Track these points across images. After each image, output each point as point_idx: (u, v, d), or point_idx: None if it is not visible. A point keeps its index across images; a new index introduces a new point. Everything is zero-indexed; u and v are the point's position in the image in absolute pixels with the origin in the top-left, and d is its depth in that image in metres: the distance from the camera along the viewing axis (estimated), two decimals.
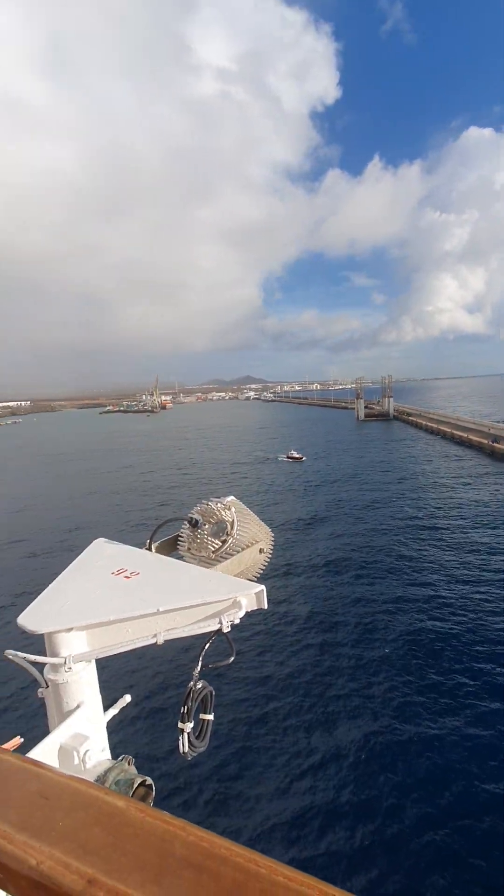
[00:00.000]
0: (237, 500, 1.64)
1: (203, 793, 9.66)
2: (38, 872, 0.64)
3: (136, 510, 33.55)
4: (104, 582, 1.27)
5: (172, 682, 12.49)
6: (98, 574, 1.32)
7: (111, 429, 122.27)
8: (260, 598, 1.18)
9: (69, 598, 1.19)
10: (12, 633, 15.64)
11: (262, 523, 1.65)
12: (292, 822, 9.23)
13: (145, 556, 1.46)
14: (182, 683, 12.16)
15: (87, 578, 1.31)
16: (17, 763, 0.82)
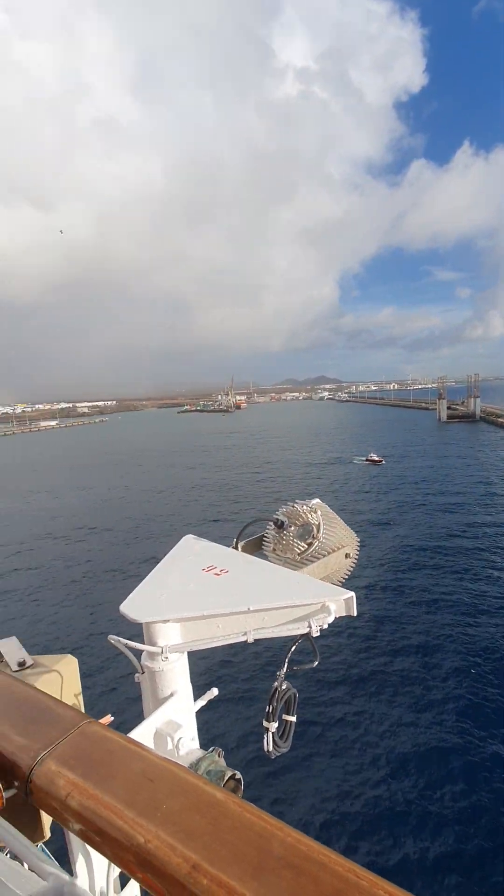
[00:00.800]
0: (323, 503, 1.63)
1: (270, 788, 9.76)
2: (145, 850, 0.68)
3: (212, 507, 34.47)
4: (196, 577, 1.32)
5: (256, 680, 12.70)
6: (190, 569, 1.38)
7: (188, 428, 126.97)
8: (349, 605, 1.17)
9: (165, 591, 1.26)
10: (110, 616, 16.79)
11: (348, 527, 1.63)
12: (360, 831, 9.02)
13: (233, 555, 1.50)
14: (262, 682, 12.32)
15: (180, 573, 1.37)
16: (122, 742, 0.88)
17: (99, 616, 17.62)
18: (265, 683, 12.38)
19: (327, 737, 11.20)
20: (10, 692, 1.03)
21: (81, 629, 16.56)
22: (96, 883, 0.98)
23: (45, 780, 0.82)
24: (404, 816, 9.26)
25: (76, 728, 0.91)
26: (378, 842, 8.81)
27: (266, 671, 13.01)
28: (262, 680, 12.63)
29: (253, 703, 11.78)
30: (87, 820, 0.75)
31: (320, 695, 12.56)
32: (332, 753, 10.74)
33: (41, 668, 1.76)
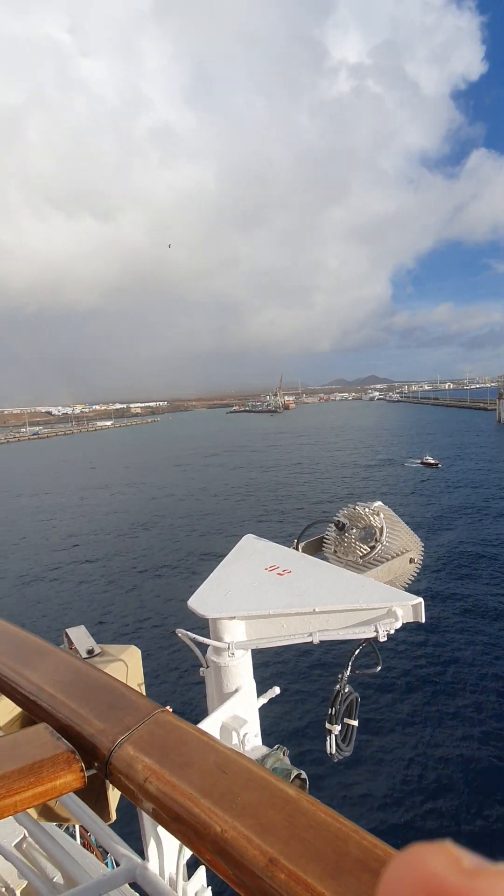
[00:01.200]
0: (385, 506, 1.60)
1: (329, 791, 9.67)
2: (222, 839, 0.70)
3: (266, 507, 34.48)
4: (260, 576, 1.34)
5: (314, 681, 12.66)
6: (253, 568, 1.40)
7: (237, 428, 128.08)
8: (417, 611, 1.14)
9: (230, 589, 1.28)
10: (168, 609, 17.31)
11: (412, 532, 1.59)
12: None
13: (294, 555, 1.51)
14: (320, 684, 12.24)
15: (243, 572, 1.39)
16: (195, 733, 0.90)
17: (157, 609, 18.16)
18: (323, 685, 12.26)
19: (384, 743, 10.97)
20: (88, 678, 1.09)
21: (140, 621, 17.14)
22: (166, 868, 1.02)
23: (123, 764, 0.86)
24: (459, 831, 8.91)
25: (151, 716, 0.95)
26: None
27: (325, 673, 12.92)
28: (320, 681, 12.54)
29: (311, 703, 11.71)
30: (165, 805, 0.78)
31: (375, 699, 12.32)
32: (389, 760, 10.50)
33: (108, 657, 1.84)
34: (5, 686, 1.18)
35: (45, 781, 0.86)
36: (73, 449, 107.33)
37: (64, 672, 1.14)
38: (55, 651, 1.27)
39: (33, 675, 1.14)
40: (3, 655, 1.23)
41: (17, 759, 0.87)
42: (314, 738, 9.85)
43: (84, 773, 0.90)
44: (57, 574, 23.35)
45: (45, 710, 1.04)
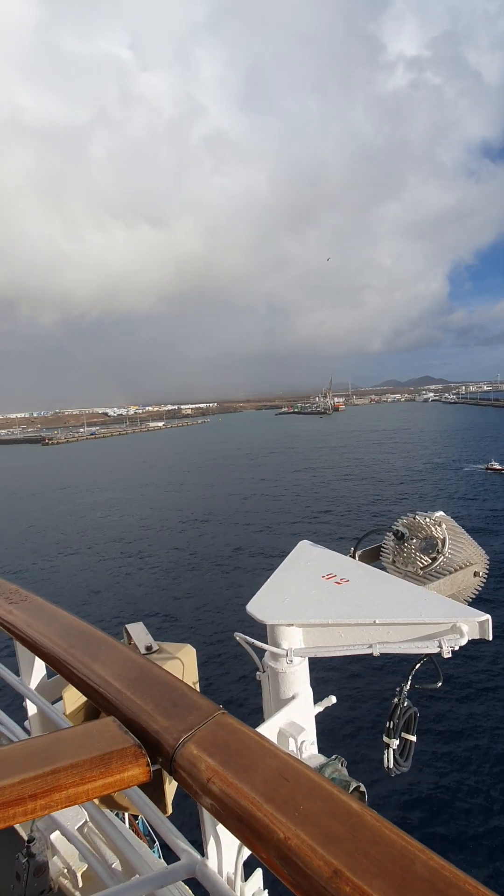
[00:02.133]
0: (447, 516, 1.55)
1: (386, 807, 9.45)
2: (285, 846, 0.71)
3: (318, 512, 34.00)
4: (317, 584, 1.34)
5: (372, 694, 12.40)
6: (310, 576, 1.40)
7: (286, 429, 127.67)
8: (484, 628, 1.10)
9: (288, 595, 1.29)
10: (223, 610, 17.56)
11: (476, 544, 1.53)
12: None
13: (351, 564, 1.49)
14: (377, 697, 11.96)
15: (300, 578, 1.40)
16: (256, 738, 0.92)
17: (212, 609, 18.42)
18: (381, 697, 11.95)
19: (444, 760, 10.56)
20: (152, 675, 1.13)
21: (195, 620, 17.47)
22: (224, 867, 1.04)
23: (187, 762, 0.89)
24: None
25: (212, 717, 0.98)
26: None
27: (384, 685, 12.60)
28: (378, 693, 12.23)
29: (368, 715, 11.45)
30: (228, 807, 0.80)
31: (434, 714, 11.89)
32: (449, 778, 10.10)
33: (165, 654, 1.90)
34: (74, 677, 1.25)
35: (114, 773, 0.90)
36: (130, 448, 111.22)
37: (129, 668, 1.19)
38: (120, 646, 1.33)
39: (101, 668, 1.20)
40: (73, 647, 1.31)
41: (90, 750, 0.93)
42: (371, 751, 9.63)
43: (150, 767, 0.94)
44: (116, 570, 24.24)
45: (111, 703, 1.10)
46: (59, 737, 0.99)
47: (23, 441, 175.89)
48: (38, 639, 1.40)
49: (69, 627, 1.42)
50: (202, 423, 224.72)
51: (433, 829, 9.22)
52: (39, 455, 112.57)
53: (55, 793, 0.86)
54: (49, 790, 0.85)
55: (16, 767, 0.89)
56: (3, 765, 0.91)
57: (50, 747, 0.94)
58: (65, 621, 1.46)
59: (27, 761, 0.91)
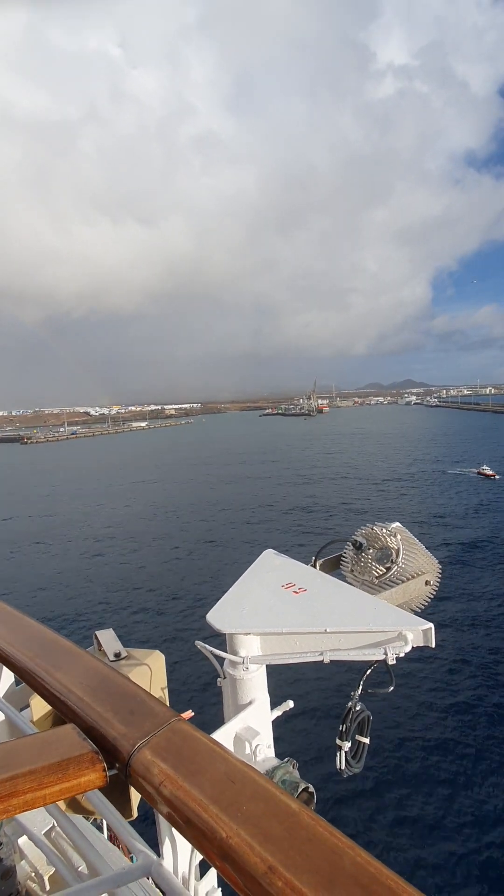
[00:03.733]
0: (403, 528, 1.62)
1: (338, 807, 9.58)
2: (227, 845, 0.76)
3: (293, 517, 33.87)
4: (276, 594, 1.40)
5: (329, 698, 12.55)
6: (270, 585, 1.46)
7: (270, 430, 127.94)
8: (427, 636, 1.17)
9: (247, 605, 1.35)
10: (188, 615, 17.58)
11: (429, 554, 1.61)
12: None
13: (311, 573, 1.55)
14: (336, 700, 12.14)
15: (261, 588, 1.45)
16: (207, 743, 0.97)
17: (182, 615, 18.42)
18: (339, 702, 12.16)
19: (396, 763, 10.76)
20: (113, 683, 1.18)
21: (165, 627, 17.43)
22: (179, 866, 1.09)
23: (141, 767, 0.93)
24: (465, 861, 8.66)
25: (168, 724, 1.02)
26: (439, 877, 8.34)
27: (340, 690, 12.79)
28: (334, 698, 12.42)
29: (325, 720, 11.61)
30: (177, 809, 0.85)
31: (391, 720, 12.09)
32: (401, 781, 10.30)
33: (133, 661, 1.93)
34: (38, 685, 1.28)
35: (71, 778, 0.94)
36: (107, 449, 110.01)
37: (91, 676, 1.23)
38: (84, 655, 1.37)
39: (64, 676, 1.24)
40: (38, 657, 1.34)
41: (48, 756, 0.96)
42: (326, 753, 9.82)
43: (106, 772, 0.98)
44: (89, 573, 24.00)
45: (72, 710, 1.13)
46: (17, 745, 1.03)
47: (1, 440, 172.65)
48: (5, 648, 1.42)
49: (35, 636, 1.45)
50: (185, 424, 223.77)
51: (379, 826, 9.41)
52: (18, 454, 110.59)
53: (13, 798, 0.89)
54: (7, 795, 0.88)
55: None
56: None
57: (8, 755, 0.98)
58: (31, 630, 1.48)
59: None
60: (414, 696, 13.12)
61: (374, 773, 10.33)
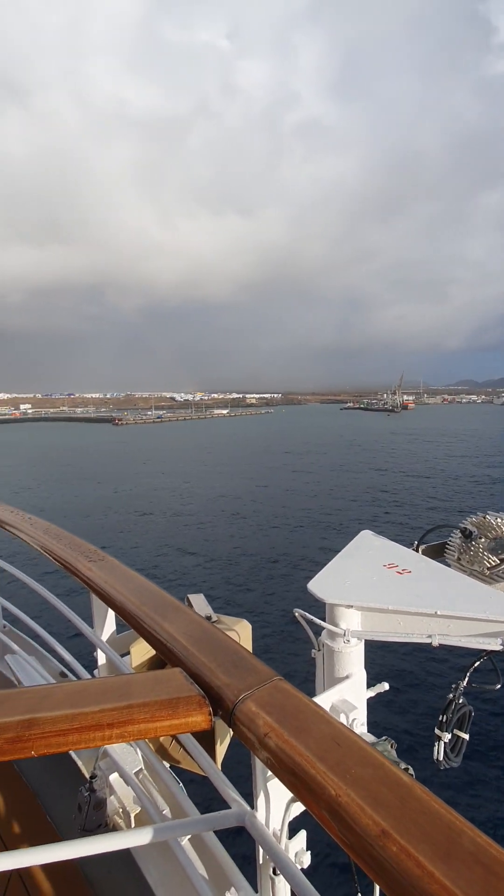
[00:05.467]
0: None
1: None
2: (336, 802, 0.76)
3: (381, 508, 32.98)
4: (378, 572, 1.36)
5: (426, 687, 12.12)
6: (371, 563, 1.43)
7: (350, 424, 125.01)
8: None
9: (349, 578, 1.33)
10: (275, 591, 17.94)
11: None
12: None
13: (414, 556, 1.49)
14: (436, 693, 11.68)
15: (361, 565, 1.42)
16: (310, 704, 0.98)
17: (267, 589, 18.72)
18: (434, 692, 11.65)
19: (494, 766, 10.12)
20: (215, 637, 1.22)
21: (250, 598, 17.87)
22: (272, 821, 1.11)
23: (245, 717, 0.96)
24: None
25: (270, 681, 1.04)
26: None
27: (437, 680, 12.27)
28: (433, 689, 11.92)
29: (419, 708, 11.18)
30: (283, 762, 0.86)
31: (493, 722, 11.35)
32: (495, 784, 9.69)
33: (223, 626, 1.99)
34: (145, 631, 1.37)
35: (180, 716, 0.99)
36: (190, 433, 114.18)
37: (194, 629, 1.29)
38: (187, 609, 1.44)
39: (169, 626, 1.31)
40: (145, 605, 1.43)
41: (159, 693, 1.02)
42: (419, 743, 9.42)
43: (211, 717, 1.02)
44: (177, 544, 25.21)
45: (178, 657, 1.19)
46: (131, 679, 1.10)
47: (95, 420, 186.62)
48: (114, 594, 1.54)
49: (141, 588, 1.54)
50: (265, 414, 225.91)
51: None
52: (110, 434, 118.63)
53: (129, 725, 0.96)
54: (124, 722, 0.95)
55: (95, 699, 1.01)
56: (83, 696, 1.03)
57: (124, 686, 1.05)
58: (137, 582, 1.58)
59: (104, 695, 1.03)
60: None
61: (471, 775, 9.80)
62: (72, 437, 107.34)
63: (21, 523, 2.34)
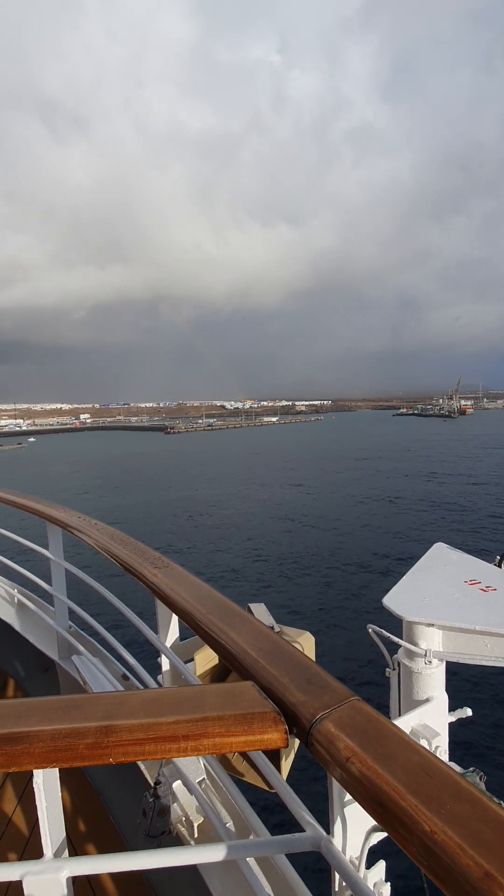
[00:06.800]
0: None
1: None
2: (431, 840, 0.70)
3: (447, 519, 31.49)
4: (459, 588, 1.28)
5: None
6: (450, 579, 1.34)
7: (404, 431, 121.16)
8: None
9: (427, 594, 1.25)
10: (343, 605, 17.54)
11: None
12: None
13: (497, 573, 1.39)
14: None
15: (439, 580, 1.34)
16: (394, 729, 0.92)
17: (331, 601, 18.33)
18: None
19: None
20: (286, 651, 1.18)
21: (313, 609, 17.52)
22: (349, 848, 1.06)
23: (324, 739, 0.91)
24: None
25: (347, 701, 0.99)
26: None
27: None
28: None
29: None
30: (368, 790, 0.81)
31: None
32: None
33: (286, 638, 1.95)
34: (212, 640, 1.35)
35: (255, 732, 0.96)
36: (239, 440, 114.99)
37: (263, 640, 1.26)
38: (253, 619, 1.41)
39: (237, 636, 1.28)
40: (212, 614, 1.42)
41: (233, 707, 1.00)
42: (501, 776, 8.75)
43: (287, 735, 0.98)
44: (237, 553, 25.32)
45: (248, 669, 1.17)
46: (205, 690, 1.09)
47: (149, 428, 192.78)
48: (180, 602, 1.54)
49: (207, 596, 1.54)
50: (315, 421, 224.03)
51: None
52: (162, 442, 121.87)
53: (203, 738, 0.94)
54: (199, 734, 0.94)
55: (170, 708, 1.00)
56: (158, 705, 1.03)
57: (198, 697, 1.04)
58: (203, 590, 1.58)
59: (178, 705, 1.02)
60: None
61: None
62: (126, 445, 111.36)
63: (87, 528, 2.42)
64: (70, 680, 3.10)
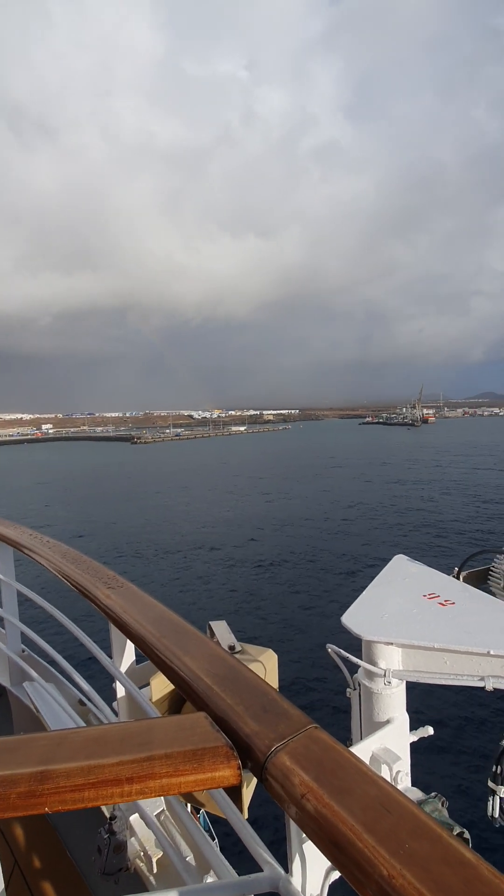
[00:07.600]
0: None
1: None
2: (389, 885, 0.65)
3: (410, 529, 31.87)
4: (418, 603, 1.25)
5: (472, 731, 11.02)
6: (409, 593, 1.31)
7: (369, 440, 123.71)
8: None
9: (386, 611, 1.22)
10: (301, 621, 17.39)
11: None
12: None
13: (455, 585, 1.37)
14: (486, 738, 10.70)
15: (399, 595, 1.31)
16: (352, 759, 0.86)
17: (291, 617, 18.19)
18: (486, 738, 10.68)
19: None
20: (241, 676, 1.12)
21: (274, 626, 17.31)
22: (308, 888, 1.00)
23: (280, 773, 0.85)
24: None
25: (305, 730, 0.93)
26: None
27: (489, 724, 11.22)
28: (483, 733, 10.86)
29: (467, 755, 10.18)
30: (324, 830, 0.75)
31: None
32: None
33: (247, 656, 1.88)
34: (165, 667, 1.27)
35: (206, 770, 0.89)
36: (206, 450, 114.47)
37: (219, 665, 1.19)
38: (209, 642, 1.34)
39: (191, 661, 1.21)
40: (165, 637, 1.34)
41: (182, 743, 0.93)
42: (465, 794, 8.69)
43: (241, 770, 0.92)
44: (197, 567, 24.91)
45: (201, 698, 1.09)
46: (153, 725, 1.01)
47: (115, 439, 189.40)
48: (132, 625, 1.45)
49: (161, 617, 1.46)
50: (283, 430, 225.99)
51: None
52: (128, 453, 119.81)
53: (150, 780, 0.86)
54: (144, 776, 0.86)
55: (114, 748, 0.92)
56: (101, 744, 0.94)
57: (145, 733, 0.96)
58: (157, 611, 1.50)
59: (123, 743, 0.94)
60: None
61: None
62: (90, 456, 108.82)
63: (39, 547, 2.29)
64: (22, 707, 2.92)
